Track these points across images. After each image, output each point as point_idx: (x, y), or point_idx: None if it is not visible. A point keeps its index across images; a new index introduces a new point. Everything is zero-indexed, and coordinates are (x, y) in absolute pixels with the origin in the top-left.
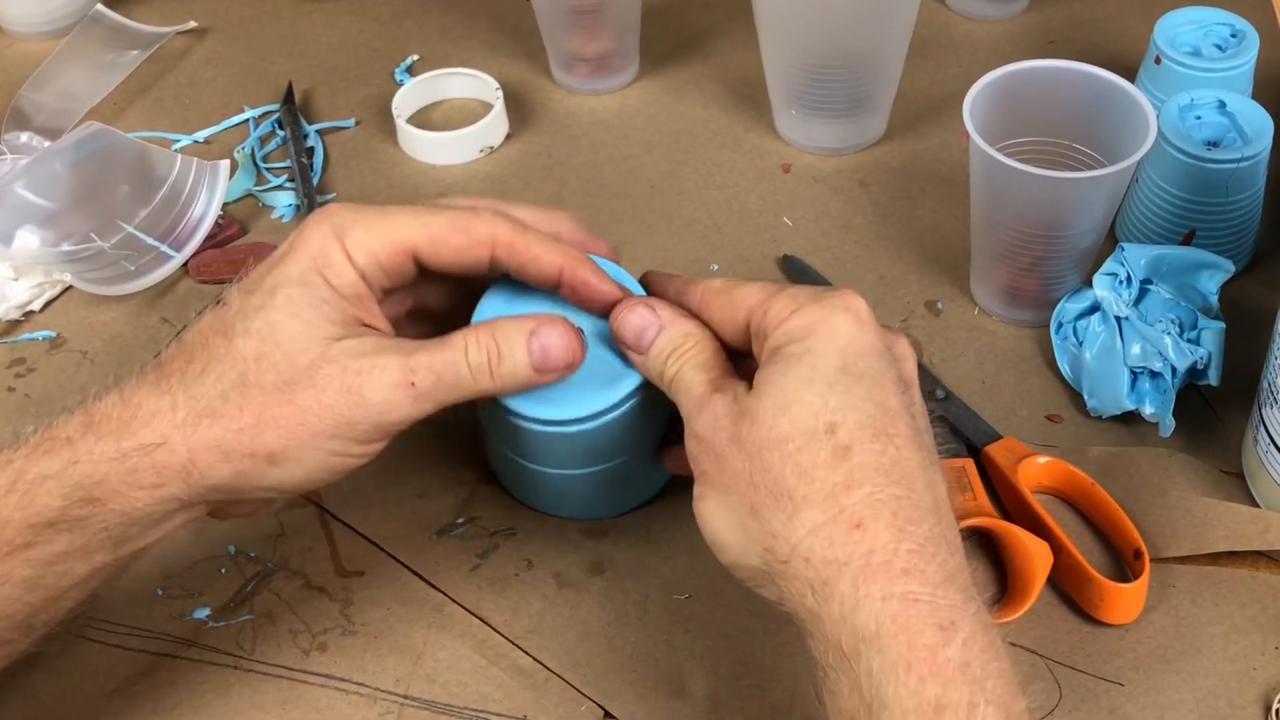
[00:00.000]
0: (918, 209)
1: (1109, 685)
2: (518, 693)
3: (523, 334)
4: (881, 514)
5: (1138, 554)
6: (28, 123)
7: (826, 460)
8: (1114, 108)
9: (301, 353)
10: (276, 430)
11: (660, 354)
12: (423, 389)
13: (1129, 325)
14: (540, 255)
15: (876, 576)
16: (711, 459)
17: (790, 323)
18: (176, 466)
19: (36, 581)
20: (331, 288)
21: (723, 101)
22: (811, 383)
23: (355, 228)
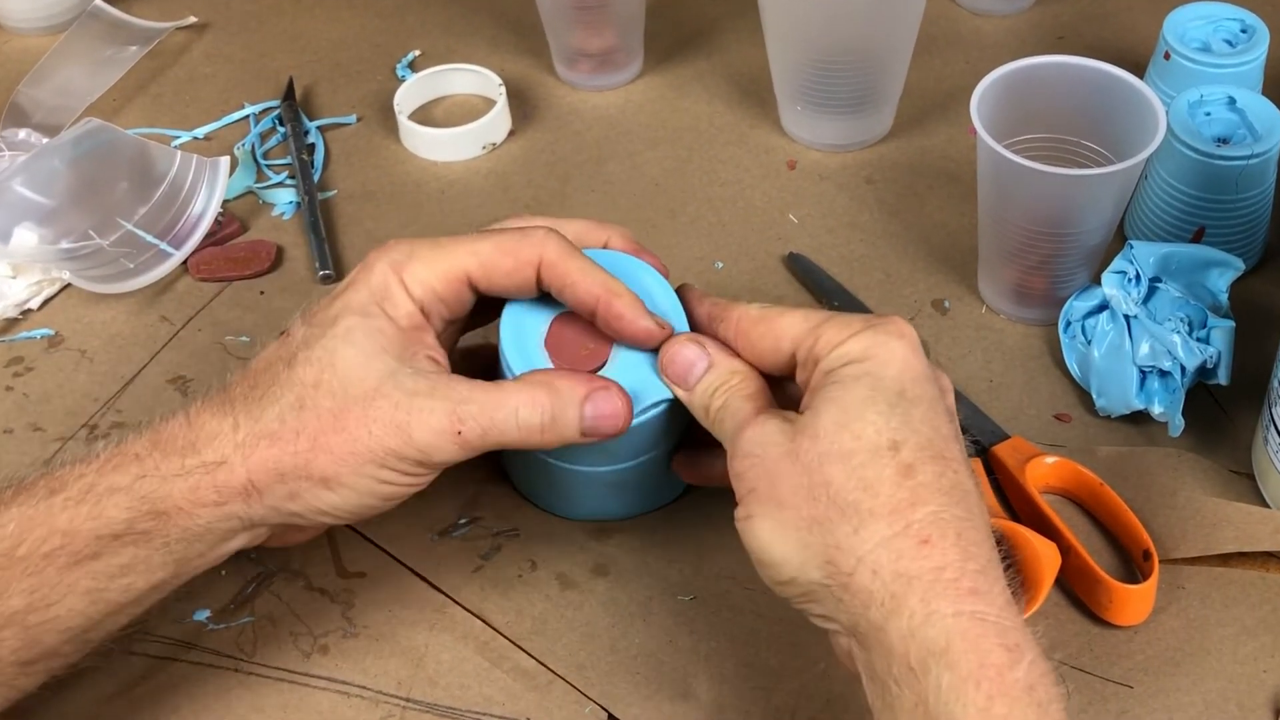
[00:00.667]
0: (924, 206)
1: (1117, 687)
2: (521, 695)
3: (577, 399)
4: (948, 533)
5: (1147, 555)
6: (26, 119)
7: (891, 476)
8: (1123, 104)
9: (357, 381)
10: (329, 455)
11: (707, 389)
12: (468, 438)
13: (1138, 324)
14: (578, 283)
15: (946, 593)
16: (761, 474)
17: (846, 347)
18: (237, 485)
19: (99, 594)
20: (390, 319)
21: (728, 98)
22: (874, 402)
23: (412, 262)
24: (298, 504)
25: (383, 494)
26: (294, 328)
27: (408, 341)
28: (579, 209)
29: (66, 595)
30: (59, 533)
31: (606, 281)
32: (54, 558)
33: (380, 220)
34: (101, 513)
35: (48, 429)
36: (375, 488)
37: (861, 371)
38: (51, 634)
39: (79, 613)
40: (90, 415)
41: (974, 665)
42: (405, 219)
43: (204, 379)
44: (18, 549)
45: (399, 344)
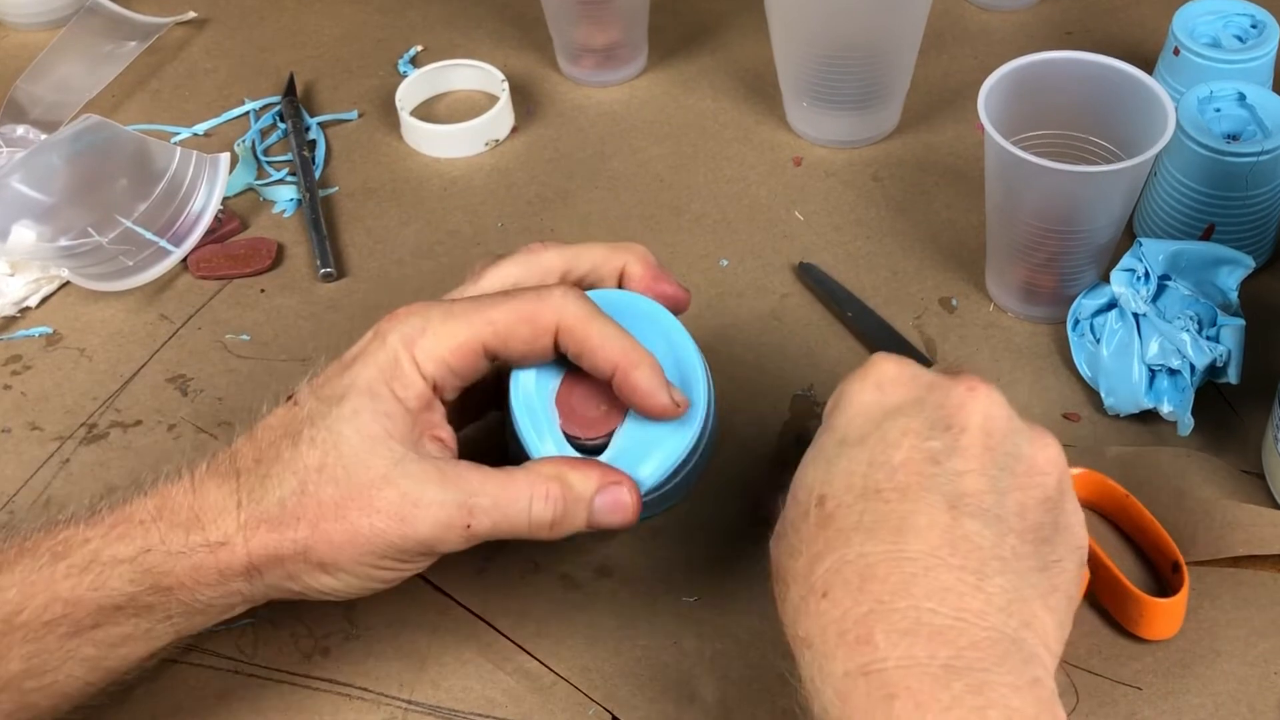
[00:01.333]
0: (932, 203)
1: (1127, 689)
2: (524, 697)
3: (588, 494)
4: (850, 579)
5: (1176, 567)
6: (24, 115)
7: (810, 532)
8: (1132, 100)
9: (362, 469)
10: (328, 545)
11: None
12: (477, 531)
13: (1147, 322)
14: (597, 350)
15: (837, 651)
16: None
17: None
18: (239, 567)
19: (98, 662)
20: (398, 400)
21: (733, 93)
22: (814, 463)
23: (424, 336)
24: (297, 584)
25: (382, 579)
26: (301, 396)
27: (415, 423)
28: (583, 206)
29: (66, 662)
30: (61, 601)
31: (626, 350)
32: (55, 626)
33: (382, 218)
34: (105, 584)
35: (46, 428)
36: (375, 574)
37: (822, 429)
38: (47, 699)
39: (77, 679)
40: (89, 414)
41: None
42: (407, 216)
43: (204, 378)
44: (18, 615)
45: (405, 428)
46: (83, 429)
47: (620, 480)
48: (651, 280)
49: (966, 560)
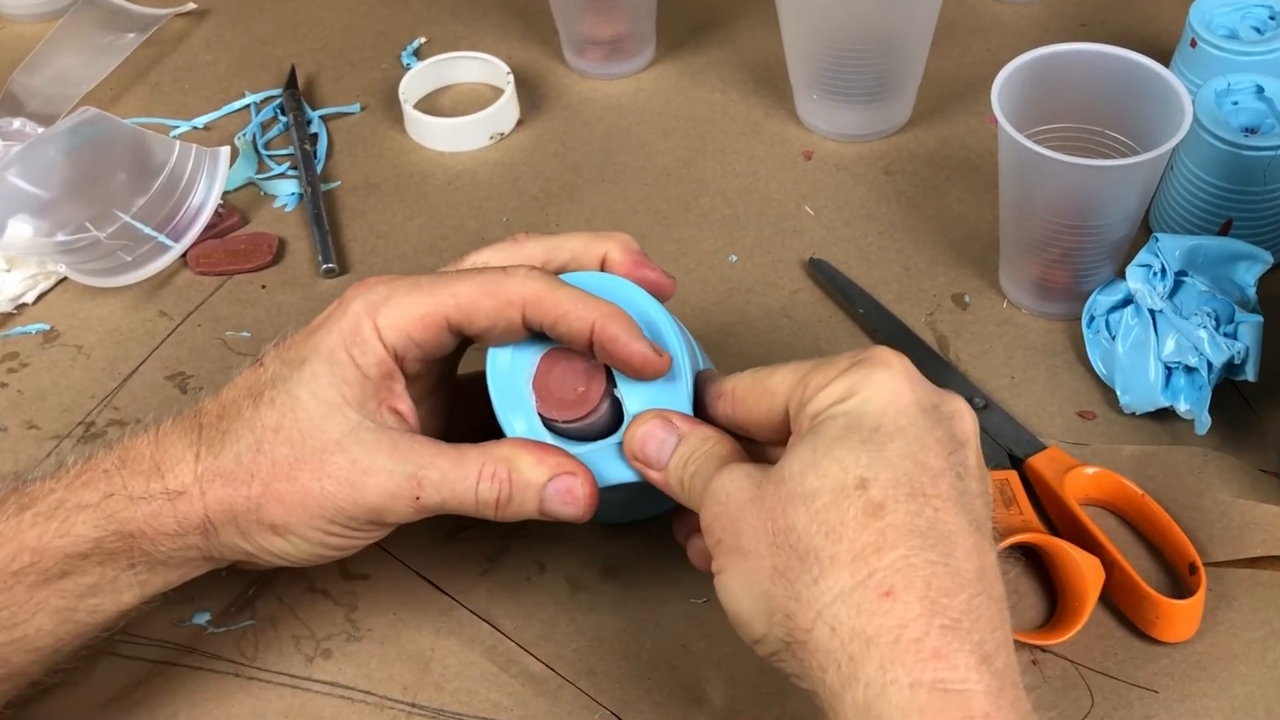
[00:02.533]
0: (944, 198)
1: (1142, 692)
2: (529, 700)
3: (536, 481)
4: (915, 582)
5: (1193, 568)
6: (21, 108)
7: (856, 518)
8: (1148, 93)
9: (315, 433)
10: (280, 505)
11: (680, 462)
12: (426, 504)
13: (1163, 318)
14: (570, 312)
15: (905, 657)
16: (727, 524)
17: (831, 388)
18: (195, 519)
19: (67, 614)
20: (357, 367)
21: (742, 86)
22: (844, 439)
23: (387, 304)
24: (250, 544)
25: (334, 545)
26: (266, 358)
27: (374, 390)
28: (589, 200)
29: (35, 614)
30: (28, 550)
31: (599, 305)
32: (23, 576)
33: (384, 212)
34: (70, 530)
35: (43, 427)
36: (324, 539)
37: (842, 410)
38: (20, 654)
39: (48, 633)
40: (87, 413)
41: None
42: (410, 211)
43: (203, 375)
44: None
45: (362, 395)
46: (80, 428)
47: (575, 470)
48: (633, 266)
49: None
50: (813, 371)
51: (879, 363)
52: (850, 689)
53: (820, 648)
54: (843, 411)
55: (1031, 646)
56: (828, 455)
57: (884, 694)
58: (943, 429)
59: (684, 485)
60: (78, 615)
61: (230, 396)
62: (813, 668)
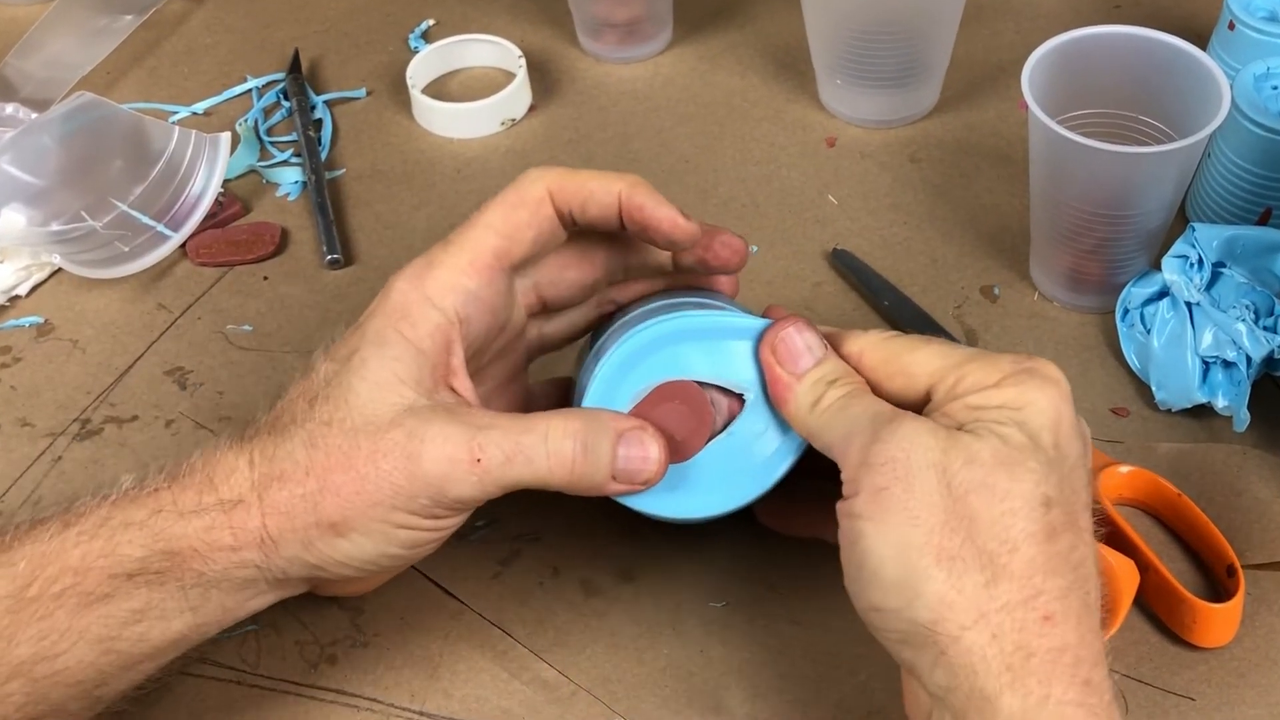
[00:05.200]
0: (972, 186)
1: (1178, 700)
2: (541, 708)
3: (611, 433)
4: (1071, 613)
5: (1231, 570)
6: (14, 93)
7: (1035, 536)
8: (1184, 77)
9: (370, 418)
10: (337, 498)
11: (820, 379)
12: (488, 467)
13: (1200, 311)
14: (595, 190)
15: (1063, 678)
16: (901, 474)
17: (998, 393)
18: (253, 529)
19: (110, 644)
20: (408, 342)
21: (762, 70)
22: (1035, 452)
23: (431, 270)
24: (313, 555)
25: (401, 541)
26: (316, 363)
27: (430, 367)
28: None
29: (76, 643)
30: (70, 570)
31: (623, 176)
32: (64, 599)
33: (391, 201)
34: (115, 549)
35: (37, 424)
36: (391, 533)
37: (1020, 419)
38: (59, 688)
39: (89, 664)
40: (82, 409)
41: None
42: (418, 200)
43: (203, 370)
44: (28, 589)
45: (418, 371)
46: (76, 425)
47: (645, 426)
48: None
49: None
50: (970, 364)
51: (1049, 377)
52: (1008, 695)
53: (974, 649)
54: (1019, 421)
55: None
56: (1021, 463)
57: (1044, 706)
58: (1085, 457)
59: (816, 408)
60: (121, 645)
61: (284, 406)
62: (957, 666)
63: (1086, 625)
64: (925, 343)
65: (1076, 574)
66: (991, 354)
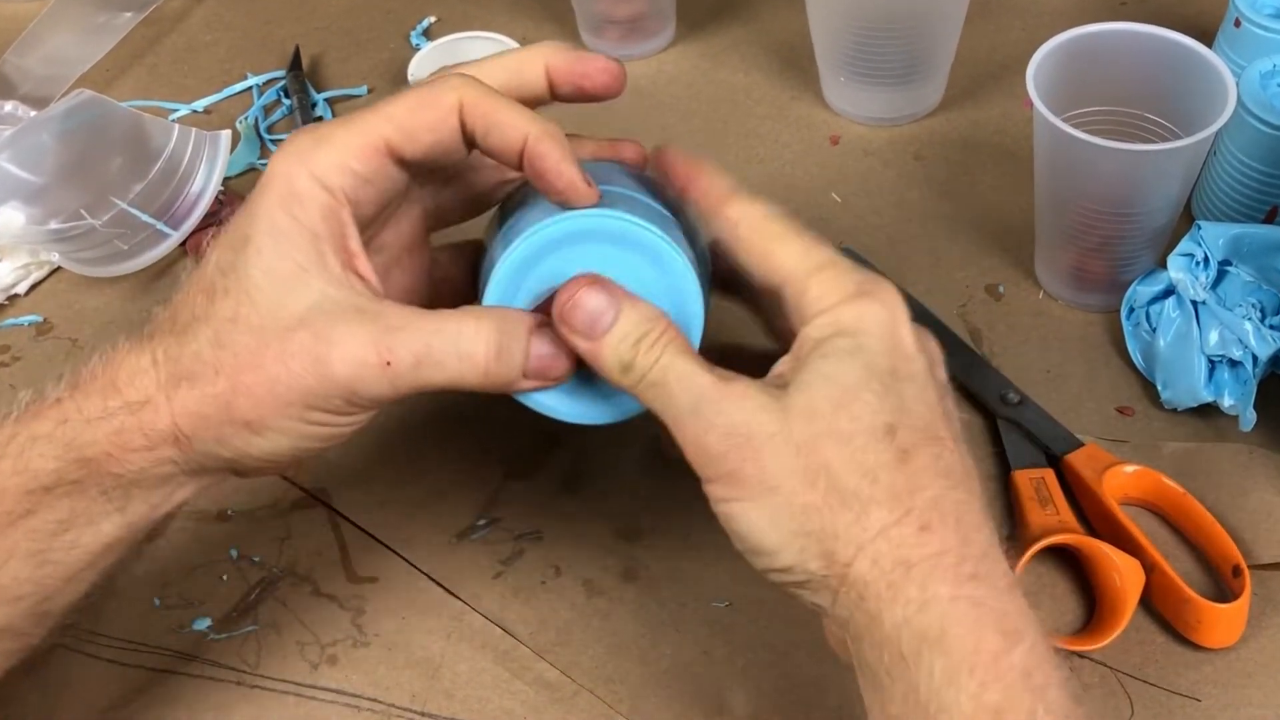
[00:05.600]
0: (977, 184)
1: (1184, 701)
2: (544, 709)
3: (524, 333)
4: (947, 518)
5: (1237, 571)
6: (13, 90)
7: (889, 462)
8: (1190, 75)
9: (276, 314)
10: (249, 399)
11: (624, 338)
12: (399, 370)
13: (1206, 310)
14: (504, 121)
15: (945, 578)
16: (749, 455)
17: (836, 315)
18: (164, 429)
19: (44, 556)
20: (301, 226)
21: (766, 68)
22: (868, 383)
23: (318, 148)
24: (228, 450)
25: (315, 435)
26: (209, 252)
27: (331, 250)
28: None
29: (8, 561)
30: None
31: (536, 120)
32: None
33: None
34: (27, 465)
35: None
36: (304, 429)
37: (853, 346)
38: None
39: (25, 579)
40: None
41: (968, 651)
42: None
43: None
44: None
45: (318, 257)
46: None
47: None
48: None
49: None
50: (819, 275)
51: (884, 301)
52: (890, 609)
53: (860, 579)
54: (855, 348)
55: (1068, 652)
56: (856, 398)
57: (925, 609)
58: (932, 372)
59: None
60: (55, 555)
61: (181, 299)
62: (849, 596)
63: (969, 524)
64: (796, 236)
65: (947, 480)
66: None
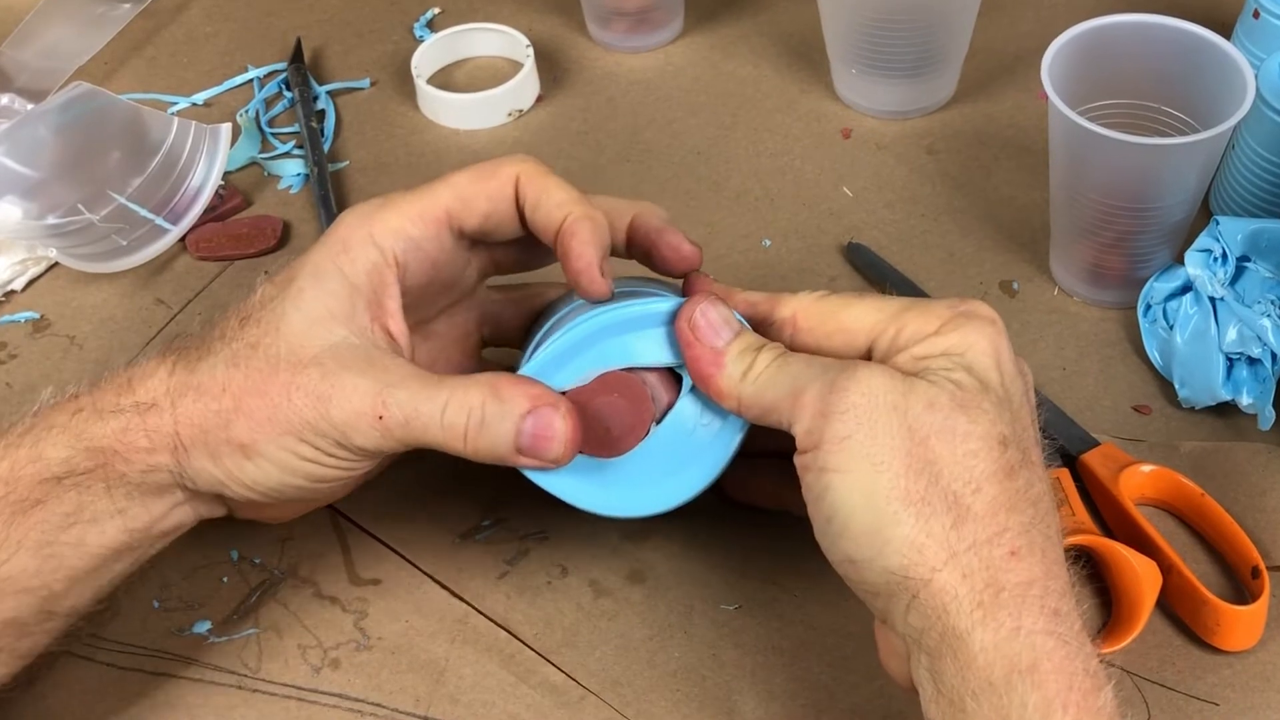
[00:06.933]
0: (991, 179)
1: (1202, 705)
2: (549, 713)
3: (517, 409)
4: (1035, 547)
5: (1256, 572)
6: (9, 83)
7: (995, 475)
8: (1208, 67)
9: (296, 348)
10: (248, 420)
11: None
12: (389, 426)
13: (1224, 307)
14: (555, 198)
15: (1032, 609)
16: (864, 421)
17: (939, 341)
18: (165, 433)
19: (50, 550)
20: (344, 276)
21: (776, 60)
22: (986, 392)
23: (383, 209)
24: (220, 470)
25: (304, 472)
26: (259, 285)
27: (365, 304)
28: (613, 181)
29: (17, 551)
30: (1, 481)
31: (580, 206)
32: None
33: None
34: (41, 454)
35: None
36: (294, 464)
37: (965, 364)
38: (8, 598)
39: (33, 572)
40: None
41: (1061, 687)
42: None
43: None
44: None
45: (351, 308)
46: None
47: (557, 404)
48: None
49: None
50: (906, 315)
51: (985, 318)
52: (980, 631)
53: (946, 588)
54: (964, 365)
55: None
56: (976, 405)
57: (1015, 637)
58: (1029, 393)
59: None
60: (61, 549)
61: (220, 320)
62: (930, 607)
63: (1051, 558)
64: (859, 298)
65: (1036, 509)
66: (925, 301)
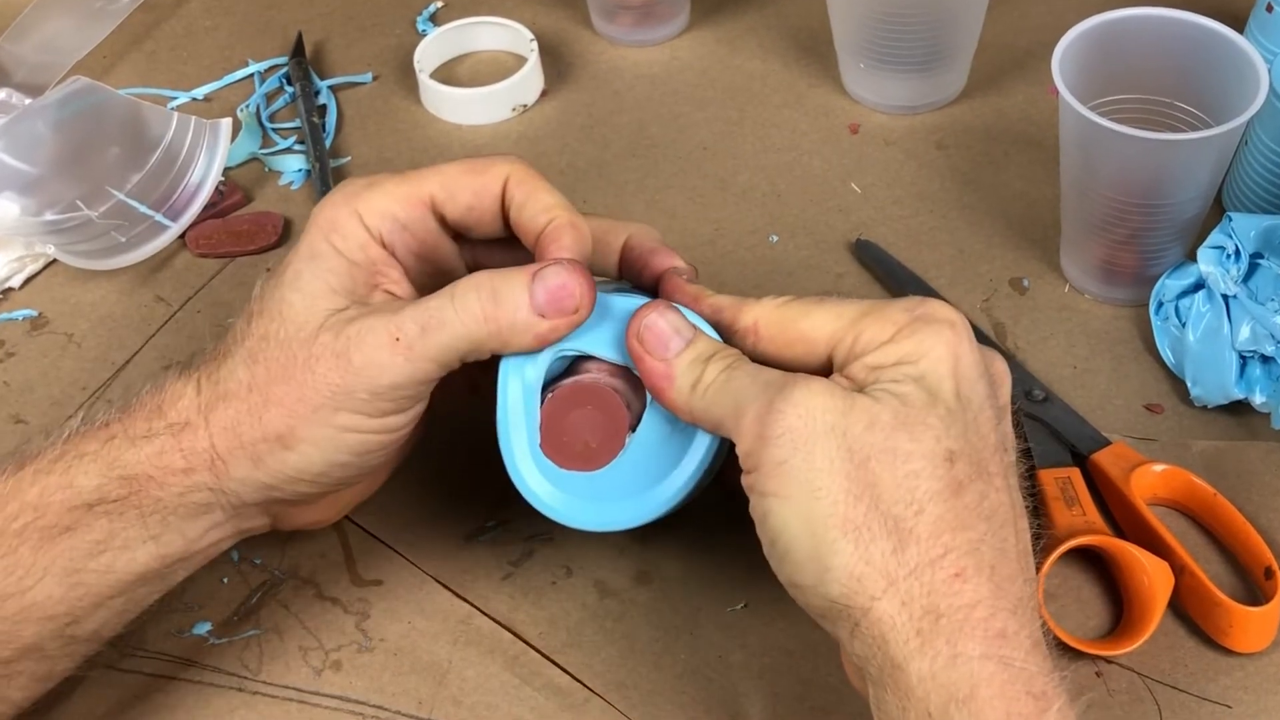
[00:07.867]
0: (1001, 174)
1: (1214, 707)
2: (554, 715)
3: (524, 274)
4: (983, 565)
5: (1269, 573)
6: (7, 78)
7: (940, 494)
8: (1221, 61)
9: (303, 326)
10: (280, 409)
11: (696, 358)
12: (409, 342)
13: (1237, 304)
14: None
15: (974, 634)
16: (801, 444)
17: (893, 346)
18: (201, 451)
19: (78, 576)
20: (339, 254)
21: (783, 54)
22: (934, 406)
23: (369, 191)
24: (264, 472)
25: (350, 446)
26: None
27: (364, 276)
28: (618, 177)
29: (43, 578)
30: (30, 506)
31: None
32: (26, 535)
33: None
34: (72, 481)
35: (31, 420)
36: (335, 438)
37: (917, 373)
38: (31, 624)
39: (58, 599)
40: (78, 405)
41: (999, 714)
42: None
43: None
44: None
45: (349, 279)
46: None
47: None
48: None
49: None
50: (864, 320)
51: (942, 321)
52: (916, 660)
53: (884, 618)
54: (916, 375)
55: (1095, 657)
56: (920, 421)
57: (953, 665)
58: (993, 397)
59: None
60: (88, 578)
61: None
62: (869, 636)
63: (1003, 574)
64: (819, 304)
65: (989, 524)
66: (884, 304)
